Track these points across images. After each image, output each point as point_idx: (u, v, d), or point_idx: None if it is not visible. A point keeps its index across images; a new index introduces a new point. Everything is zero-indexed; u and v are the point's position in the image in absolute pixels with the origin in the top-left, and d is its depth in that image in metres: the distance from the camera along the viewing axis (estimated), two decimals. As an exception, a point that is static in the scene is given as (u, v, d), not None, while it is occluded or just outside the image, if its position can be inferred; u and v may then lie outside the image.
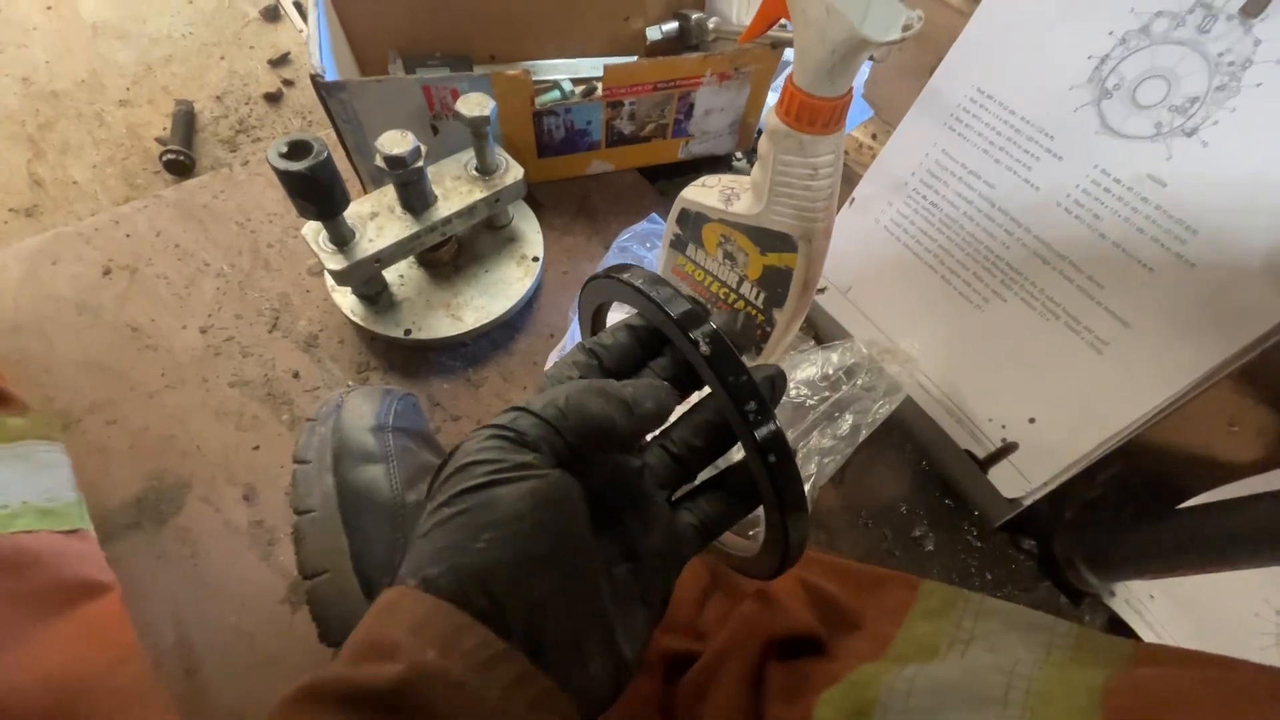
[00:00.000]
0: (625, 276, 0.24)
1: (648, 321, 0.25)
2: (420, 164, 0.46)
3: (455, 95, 0.52)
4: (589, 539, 0.20)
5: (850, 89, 0.31)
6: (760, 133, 0.68)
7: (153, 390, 0.50)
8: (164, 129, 0.68)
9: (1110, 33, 0.35)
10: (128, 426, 0.48)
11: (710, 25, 0.66)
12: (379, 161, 0.45)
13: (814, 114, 0.31)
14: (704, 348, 0.22)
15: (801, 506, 0.22)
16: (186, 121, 0.68)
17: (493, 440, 0.20)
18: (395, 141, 0.44)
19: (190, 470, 0.47)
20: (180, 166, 0.64)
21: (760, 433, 0.21)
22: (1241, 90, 0.32)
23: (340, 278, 0.47)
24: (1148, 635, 0.45)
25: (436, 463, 0.38)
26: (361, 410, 0.35)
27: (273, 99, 0.73)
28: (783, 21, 0.35)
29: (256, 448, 0.48)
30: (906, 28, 0.27)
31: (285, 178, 0.40)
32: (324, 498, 0.32)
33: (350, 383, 0.51)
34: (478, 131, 0.48)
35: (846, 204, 0.51)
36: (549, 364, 0.50)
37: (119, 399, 0.50)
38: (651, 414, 0.21)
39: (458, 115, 0.47)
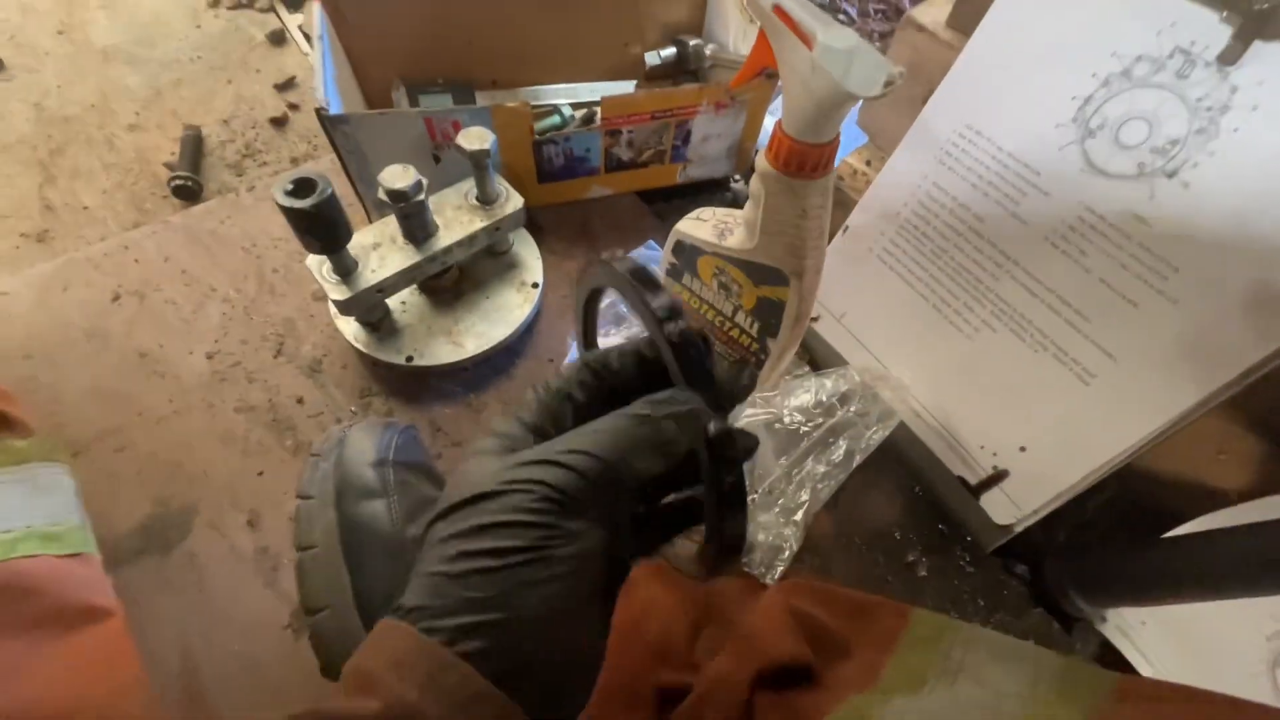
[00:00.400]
0: (617, 265, 0.24)
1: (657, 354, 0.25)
2: (421, 197, 0.47)
3: (457, 126, 0.53)
4: (599, 595, 0.20)
5: (837, 135, 0.32)
6: (759, 153, 0.69)
7: (160, 416, 0.51)
8: (172, 154, 0.69)
9: (1093, 74, 0.36)
10: (136, 453, 0.50)
11: (708, 52, 0.68)
12: (381, 195, 0.46)
13: (802, 160, 0.32)
14: (673, 337, 0.22)
15: (742, 505, 0.22)
16: (194, 146, 0.69)
17: (537, 502, 0.19)
18: (397, 176, 0.46)
19: (197, 496, 0.48)
20: (188, 192, 0.65)
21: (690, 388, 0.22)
22: (1220, 134, 0.33)
23: (344, 308, 0.48)
24: (1138, 661, 0.45)
25: (437, 495, 0.39)
26: (363, 445, 0.36)
27: (278, 123, 0.74)
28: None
29: (261, 473, 0.49)
30: (889, 84, 0.28)
31: (291, 215, 0.41)
32: (326, 534, 0.33)
33: (353, 408, 0.52)
34: (478, 164, 0.49)
35: (840, 231, 0.52)
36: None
37: (127, 425, 0.51)
38: (680, 456, 0.21)
39: (459, 149, 0.48)
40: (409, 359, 0.52)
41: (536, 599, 0.18)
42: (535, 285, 0.57)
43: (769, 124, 0.66)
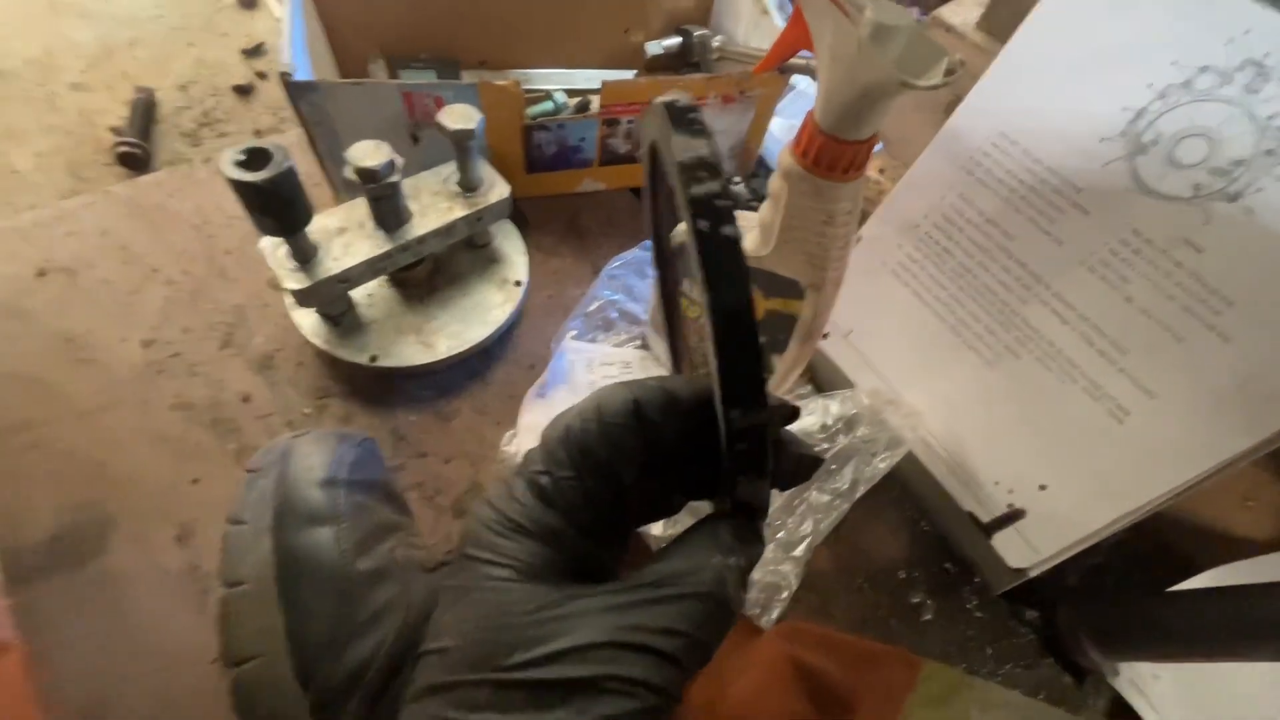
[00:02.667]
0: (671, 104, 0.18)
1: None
2: (395, 178, 0.42)
3: (439, 104, 0.48)
4: None
5: (877, 133, 0.28)
6: (762, 159, 0.65)
7: (83, 410, 0.45)
8: (120, 118, 0.63)
9: (1149, 85, 0.33)
10: (51, 450, 0.43)
11: (715, 44, 0.63)
12: (349, 174, 0.41)
13: (835, 158, 0.28)
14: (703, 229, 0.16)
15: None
16: (146, 111, 0.63)
17: (644, 716, 0.15)
18: (368, 153, 0.40)
19: (119, 504, 0.42)
20: (135, 160, 0.59)
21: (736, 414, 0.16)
22: (1293, 157, 0.29)
23: (301, 298, 0.43)
24: (1151, 717, 0.42)
25: (395, 519, 0.34)
26: (311, 460, 0.31)
27: (243, 91, 0.68)
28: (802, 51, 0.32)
29: (196, 480, 0.43)
30: (950, 72, 0.24)
31: (241, 189, 0.36)
32: (258, 566, 0.28)
33: (306, 410, 0.47)
34: (461, 145, 0.44)
35: (852, 244, 0.48)
36: (527, 399, 0.46)
37: (44, 419, 0.44)
38: None
39: (440, 127, 0.43)
40: (373, 358, 0.47)
41: None
42: (518, 283, 0.52)
43: (776, 126, 0.62)
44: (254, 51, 0.71)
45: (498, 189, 0.48)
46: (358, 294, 0.49)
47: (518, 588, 0.17)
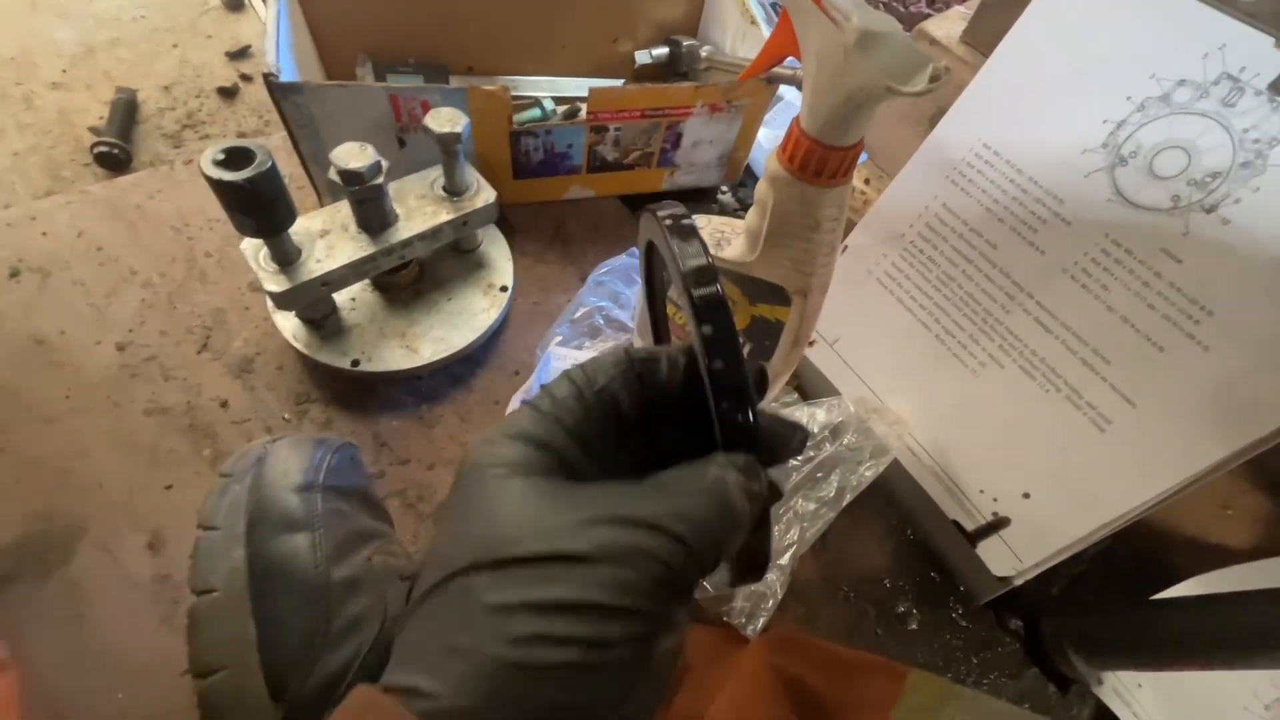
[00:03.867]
0: (661, 214, 0.21)
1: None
2: (380, 181, 0.41)
3: (426, 107, 0.47)
4: None
5: (862, 139, 0.29)
6: (749, 168, 0.66)
7: (52, 414, 0.44)
8: (100, 118, 0.62)
9: (1128, 98, 0.34)
10: (17, 456, 0.42)
11: (703, 54, 0.64)
12: (333, 175, 0.40)
13: (821, 163, 0.28)
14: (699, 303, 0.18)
15: (767, 521, 0.19)
16: (126, 111, 0.62)
17: (652, 585, 0.15)
18: (352, 155, 0.40)
19: (87, 511, 0.41)
20: (113, 160, 0.58)
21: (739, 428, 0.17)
22: (1268, 169, 0.30)
23: (281, 301, 0.42)
24: (1134, 727, 0.42)
25: (373, 527, 0.33)
26: (287, 465, 0.30)
27: (227, 94, 0.67)
28: (789, 59, 0.32)
29: (169, 487, 0.42)
30: (934, 78, 0.24)
31: (220, 188, 0.35)
32: (230, 574, 0.27)
33: (286, 416, 0.46)
34: (447, 149, 0.44)
35: (838, 251, 0.48)
36: (512, 405, 0.46)
37: (10, 423, 0.43)
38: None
39: (427, 130, 0.43)
40: (355, 363, 0.46)
41: (633, 710, 0.14)
42: (504, 289, 0.51)
43: (763, 135, 0.62)
44: (239, 54, 0.71)
45: (484, 194, 0.48)
46: (341, 298, 0.48)
47: (518, 483, 0.17)
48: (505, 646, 0.14)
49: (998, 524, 0.42)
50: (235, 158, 0.35)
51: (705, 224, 0.39)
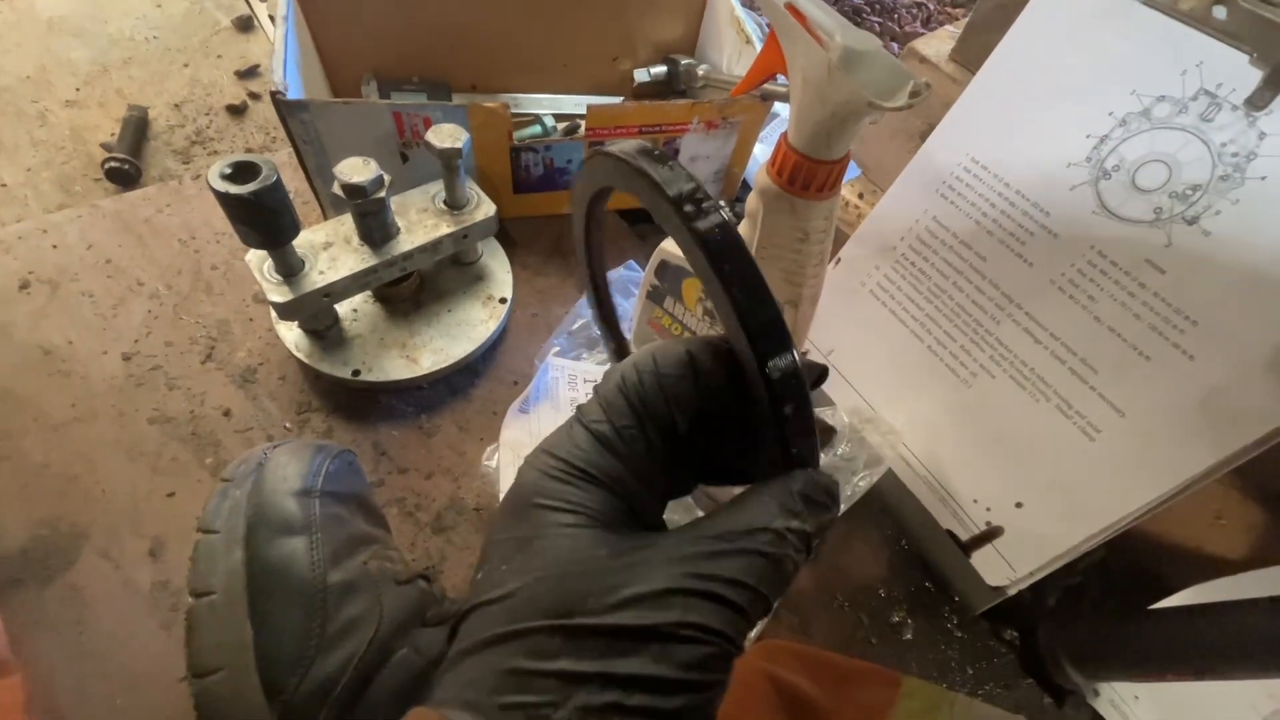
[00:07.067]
0: (617, 150, 0.19)
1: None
2: (382, 194, 0.42)
3: (428, 124, 0.49)
4: None
5: (848, 152, 0.29)
6: (745, 184, 0.67)
7: (58, 422, 0.45)
8: (111, 134, 0.63)
9: (1110, 113, 0.34)
10: (24, 463, 0.43)
11: (700, 73, 0.65)
12: (336, 189, 0.41)
13: (809, 177, 0.29)
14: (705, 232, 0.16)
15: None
16: (137, 128, 0.63)
17: (719, 662, 0.15)
18: (356, 169, 0.41)
19: (91, 518, 0.41)
20: (124, 176, 0.59)
21: (776, 362, 0.16)
22: (1246, 182, 0.31)
23: (284, 311, 0.43)
24: (1132, 739, 0.42)
25: (370, 532, 0.33)
26: (287, 470, 0.31)
27: (236, 111, 0.69)
28: (777, 76, 0.33)
29: (172, 494, 0.43)
30: (915, 94, 0.25)
31: (227, 201, 0.36)
32: (228, 577, 0.27)
33: (287, 424, 0.47)
34: (449, 164, 0.45)
35: (832, 263, 0.49)
36: (509, 414, 0.46)
37: (17, 430, 0.44)
38: None
39: (428, 145, 0.44)
40: (356, 373, 0.47)
41: None
42: (503, 301, 0.52)
43: (759, 151, 0.63)
44: (248, 73, 0.72)
45: (484, 207, 0.49)
46: (342, 309, 0.49)
47: (587, 534, 0.17)
48: (575, 714, 0.14)
49: (991, 533, 0.43)
50: (242, 172, 0.36)
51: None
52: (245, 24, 0.77)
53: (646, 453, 0.18)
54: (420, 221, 0.48)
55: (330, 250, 0.45)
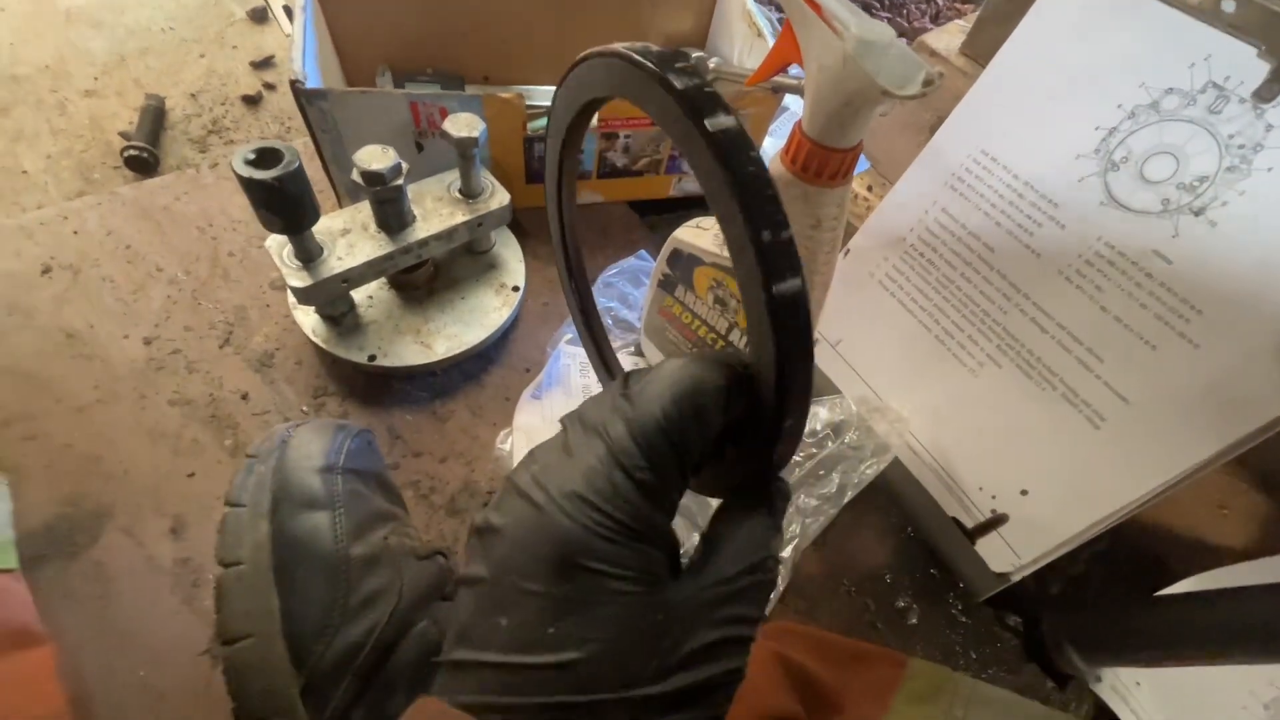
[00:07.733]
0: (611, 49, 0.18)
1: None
2: (400, 182, 0.43)
3: (444, 114, 0.49)
4: None
5: (860, 141, 0.30)
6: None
7: (82, 404, 0.46)
8: (130, 123, 0.64)
9: (1119, 106, 0.35)
10: (48, 444, 0.44)
11: (711, 65, 0.66)
12: (355, 176, 0.42)
13: (822, 164, 0.30)
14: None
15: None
16: (155, 117, 0.64)
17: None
18: (374, 157, 0.42)
19: (113, 497, 0.42)
20: (142, 164, 0.60)
21: (780, 288, 0.16)
22: (1253, 173, 0.31)
23: (303, 296, 0.44)
24: (1133, 725, 0.43)
25: (389, 509, 0.34)
26: (310, 448, 0.32)
27: (251, 101, 0.70)
28: (790, 68, 0.34)
29: (192, 475, 0.44)
30: (928, 83, 0.25)
31: (250, 186, 0.37)
32: (255, 548, 0.28)
33: (304, 408, 0.47)
34: (464, 153, 0.46)
35: (841, 254, 0.50)
36: (522, 400, 0.47)
37: (42, 412, 0.45)
38: None
39: (445, 135, 0.45)
40: (371, 358, 0.47)
41: None
42: (516, 289, 0.53)
43: (769, 145, 0.64)
44: (263, 63, 0.73)
45: (498, 196, 0.50)
46: (358, 295, 0.50)
47: (641, 600, 0.17)
48: None
49: (996, 521, 0.43)
50: (265, 158, 0.37)
51: (711, 224, 0.40)
52: (260, 15, 0.78)
53: (681, 494, 0.19)
54: (436, 210, 0.48)
55: (348, 237, 0.45)
